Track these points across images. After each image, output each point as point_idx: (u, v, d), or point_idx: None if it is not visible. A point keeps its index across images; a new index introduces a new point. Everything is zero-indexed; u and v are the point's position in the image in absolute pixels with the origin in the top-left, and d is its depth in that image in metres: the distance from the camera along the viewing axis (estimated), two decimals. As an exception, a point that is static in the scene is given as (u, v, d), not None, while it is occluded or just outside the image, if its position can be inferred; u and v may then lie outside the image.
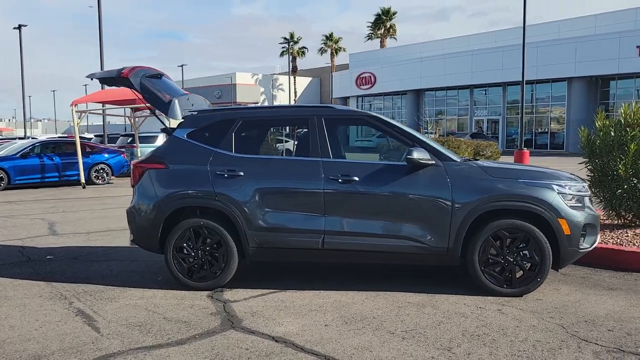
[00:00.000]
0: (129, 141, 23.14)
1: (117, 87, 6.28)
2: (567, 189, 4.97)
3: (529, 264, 4.92)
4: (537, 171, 5.16)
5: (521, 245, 4.91)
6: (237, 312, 4.64)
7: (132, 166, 5.65)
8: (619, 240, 6.27)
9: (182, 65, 60.44)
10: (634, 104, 7.02)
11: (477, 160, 5.50)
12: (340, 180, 5.08)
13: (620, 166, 6.63)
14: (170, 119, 5.90)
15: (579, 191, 5.05)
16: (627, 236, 6.43)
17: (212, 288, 5.28)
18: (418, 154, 4.93)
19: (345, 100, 54.58)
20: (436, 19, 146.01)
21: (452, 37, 47.84)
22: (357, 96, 52.82)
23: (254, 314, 4.56)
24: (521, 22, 25.27)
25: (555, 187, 4.93)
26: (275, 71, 76.98)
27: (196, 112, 5.71)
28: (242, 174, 5.23)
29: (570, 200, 4.95)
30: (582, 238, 4.94)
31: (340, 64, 63.59)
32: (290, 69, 66.91)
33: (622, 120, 6.94)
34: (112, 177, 18.52)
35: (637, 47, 34.81)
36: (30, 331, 4.25)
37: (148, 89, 5.64)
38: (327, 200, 5.09)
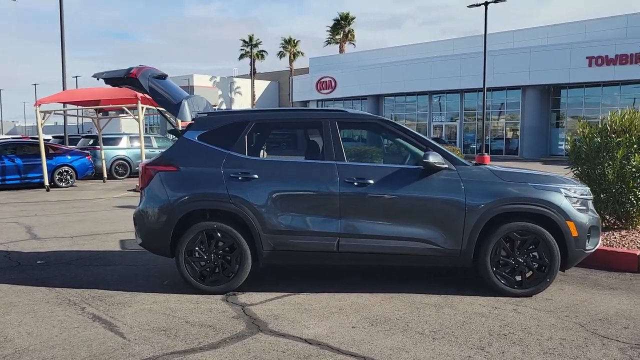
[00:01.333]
0: (90, 143, 22.50)
1: (118, 87, 6.13)
2: (572, 193, 5.19)
3: (538, 265, 5.10)
4: (545, 175, 5.36)
5: (531, 247, 5.08)
6: (259, 315, 4.62)
7: (141, 168, 5.54)
8: (608, 242, 6.57)
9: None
10: (620, 112, 7.37)
11: (484, 164, 5.66)
12: (355, 184, 5.13)
13: (608, 171, 6.95)
14: (179, 120, 5.81)
15: (582, 194, 5.27)
16: (615, 238, 6.74)
17: (225, 292, 5.24)
18: (434, 158, 5.04)
19: (305, 104, 54.71)
20: (389, 26, 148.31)
21: (411, 44, 48.68)
22: (318, 100, 53.03)
23: (276, 317, 4.56)
24: (472, 31, 25.94)
25: (562, 190, 5.14)
26: (233, 74, 76.37)
27: (206, 114, 5.66)
28: (256, 176, 5.21)
29: (576, 203, 5.17)
30: (587, 240, 5.17)
31: (299, 68, 63.71)
32: (250, 72, 66.58)
33: (608, 127, 7.27)
34: (75, 180, 17.96)
35: (587, 57, 36.38)
36: (51, 338, 4.11)
37: (157, 91, 5.54)
38: (342, 203, 5.13)
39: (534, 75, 37.90)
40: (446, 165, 5.12)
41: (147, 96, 17.69)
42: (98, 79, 5.68)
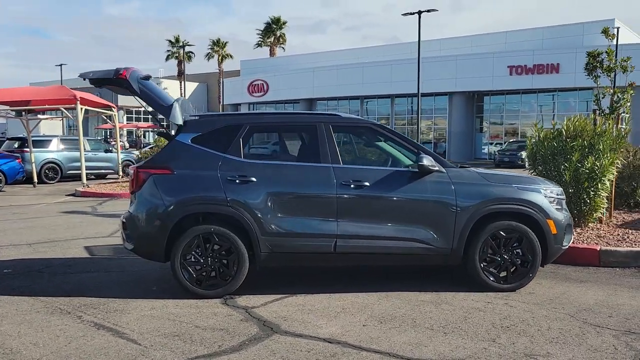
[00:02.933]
0: (16, 145, 21.25)
1: (98, 88, 5.91)
2: (550, 193, 5.58)
3: (521, 261, 5.44)
4: (525, 177, 5.73)
5: (515, 244, 5.42)
6: (267, 317, 4.64)
7: (132, 171, 5.40)
8: (569, 239, 7.08)
9: (61, 65, 56.15)
10: (573, 118, 7.95)
11: (468, 167, 5.95)
12: (352, 186, 5.26)
13: (565, 173, 7.50)
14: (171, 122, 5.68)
15: (558, 195, 5.68)
16: (574, 235, 7.27)
17: (221, 295, 5.21)
18: (427, 161, 5.27)
19: (236, 107, 54.23)
20: (314, 31, 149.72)
21: (343, 49, 49.56)
22: (249, 103, 52.74)
23: (285, 319, 4.60)
24: (392, 38, 26.85)
25: (542, 191, 5.52)
26: (158, 75, 74.31)
27: (197, 117, 5.61)
28: (254, 179, 5.23)
29: (553, 202, 5.56)
30: (564, 237, 5.58)
31: (229, 71, 63.01)
32: (177, 73, 65.18)
33: (564, 132, 7.83)
34: (4, 185, 16.91)
35: (508, 66, 38.56)
36: (62, 348, 3.95)
37: (147, 92, 5.42)
38: (339, 205, 5.25)
39: (460, 82, 39.66)
40: (437, 168, 5.36)
41: (86, 97, 16.95)
42: (84, 79, 5.48)
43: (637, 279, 5.88)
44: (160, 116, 5.60)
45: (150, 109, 5.65)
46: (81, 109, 15.77)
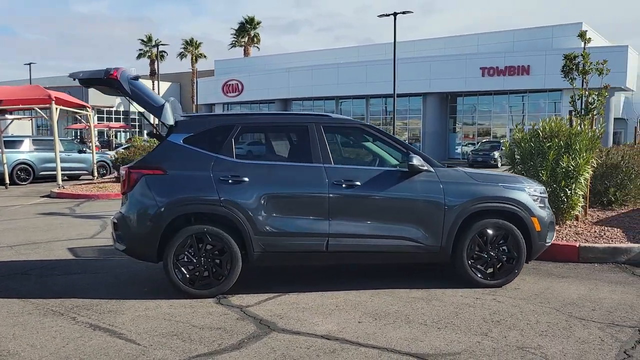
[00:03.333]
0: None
1: (88, 88, 5.86)
2: (533, 191, 5.75)
3: (507, 258, 5.60)
4: (509, 176, 5.90)
5: (501, 242, 5.58)
6: (262, 315, 4.69)
7: (124, 172, 5.38)
8: (549, 236, 7.29)
9: (30, 64, 54.99)
10: (549, 119, 8.19)
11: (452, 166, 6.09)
12: (344, 185, 5.35)
13: (542, 172, 7.71)
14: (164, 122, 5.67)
15: (541, 193, 5.86)
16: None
17: (214, 295, 5.23)
18: (417, 161, 5.39)
19: (210, 107, 53.88)
20: (286, 32, 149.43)
21: (318, 49, 49.67)
22: (224, 103, 52.47)
23: (281, 317, 4.66)
24: (365, 39, 27.16)
25: (526, 189, 5.69)
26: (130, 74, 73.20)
27: (188, 117, 5.63)
28: (246, 179, 5.27)
29: (537, 200, 5.74)
30: (547, 234, 5.76)
31: (203, 70, 62.54)
32: (149, 73, 64.45)
33: (540, 133, 8.06)
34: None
35: (480, 68, 39.22)
36: (60, 349, 3.94)
37: (138, 93, 5.41)
38: (331, 204, 5.33)
39: (434, 84, 40.17)
40: (426, 167, 5.49)
41: (61, 96, 16.69)
42: (74, 79, 5.44)
43: (615, 274, 6.10)
44: (152, 117, 5.59)
45: (140, 109, 5.65)
46: (56, 108, 15.51)
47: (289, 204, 5.32)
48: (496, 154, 31.91)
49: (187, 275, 5.19)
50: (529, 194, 5.68)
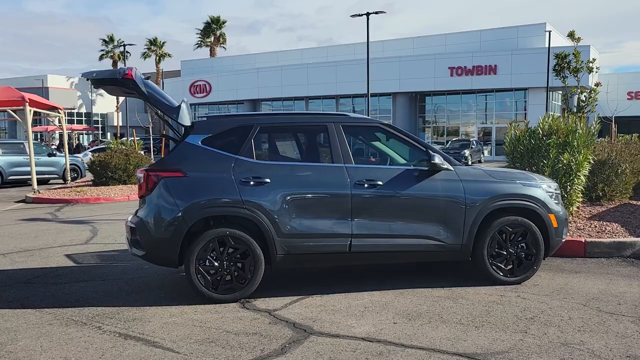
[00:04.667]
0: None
1: (102, 88, 5.63)
2: (549, 188, 5.82)
3: (525, 255, 5.64)
4: (525, 173, 5.95)
5: (519, 239, 5.62)
6: (294, 319, 4.60)
7: (142, 175, 5.20)
8: (552, 233, 7.40)
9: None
10: (547, 118, 8.32)
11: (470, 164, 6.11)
12: (366, 185, 5.30)
13: (544, 168, 7.84)
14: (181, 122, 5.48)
15: (555, 190, 5.94)
16: (557, 229, 7.61)
17: (237, 299, 5.11)
18: (439, 159, 5.38)
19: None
20: (247, 32, 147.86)
21: (287, 49, 49.52)
22: (191, 104, 51.67)
23: (314, 320, 4.57)
24: (326, 40, 27.21)
25: (542, 186, 5.76)
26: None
27: (205, 118, 5.49)
28: (268, 180, 5.17)
29: (552, 197, 5.81)
30: (563, 230, 5.83)
31: (169, 71, 61.61)
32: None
33: (541, 130, 8.18)
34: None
35: (449, 68, 39.80)
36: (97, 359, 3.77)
37: (152, 93, 5.23)
38: (354, 205, 5.27)
39: (403, 83, 40.55)
40: (446, 166, 5.48)
41: (34, 98, 16.12)
42: (88, 80, 5.22)
43: (624, 269, 6.23)
44: (167, 117, 5.41)
45: (153, 110, 5.47)
46: (30, 110, 14.98)
47: (311, 205, 5.24)
48: (467, 152, 32.37)
49: (210, 280, 5.05)
50: (545, 190, 5.74)
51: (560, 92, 40.09)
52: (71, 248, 7.85)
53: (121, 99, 64.27)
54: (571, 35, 9.96)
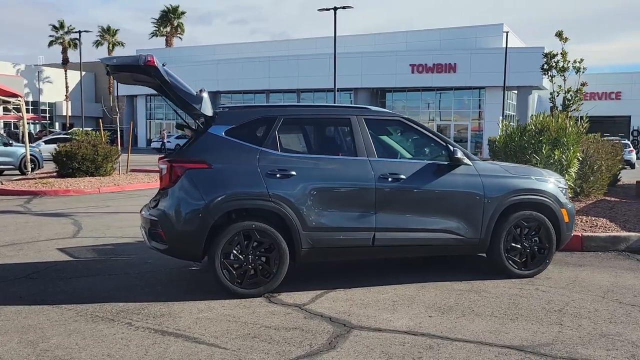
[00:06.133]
0: None
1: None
2: (559, 183, 5.98)
3: (538, 249, 5.77)
4: (538, 169, 6.08)
5: (533, 233, 5.75)
6: (328, 313, 4.55)
7: (165, 166, 5.01)
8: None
9: None
10: (537, 116, 8.55)
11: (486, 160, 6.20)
12: (390, 179, 5.29)
13: (538, 165, 8.05)
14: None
15: (564, 184, 6.10)
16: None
17: (262, 294, 5.01)
18: (461, 154, 5.44)
19: (132, 98, 51.64)
20: (199, 22, 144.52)
21: (248, 42, 49.08)
22: (147, 95, 50.53)
23: (348, 314, 4.54)
24: (280, 34, 27.23)
25: (554, 181, 5.91)
26: (38, 62, 68.70)
27: (227, 108, 5.36)
28: (294, 173, 5.08)
29: (562, 192, 5.97)
30: (572, 224, 6.01)
31: (122, 60, 59.70)
32: (62, 61, 60.92)
33: (533, 127, 8.40)
34: None
35: (410, 65, 40.33)
36: (142, 357, 3.61)
37: (174, 82, 5.03)
38: (378, 198, 5.26)
39: (365, 79, 40.81)
40: (466, 160, 5.54)
41: (4, 88, 15.31)
42: (107, 66, 4.94)
43: (623, 262, 6.47)
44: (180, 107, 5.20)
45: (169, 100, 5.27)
46: (-5, 98, 14.24)
47: (336, 199, 5.19)
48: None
49: (235, 275, 4.93)
50: (557, 185, 5.89)
51: (515, 91, 41.40)
52: (61, 242, 7.51)
53: (71, 87, 62.08)
54: (559, 35, 10.22)
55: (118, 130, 19.50)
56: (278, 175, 5.04)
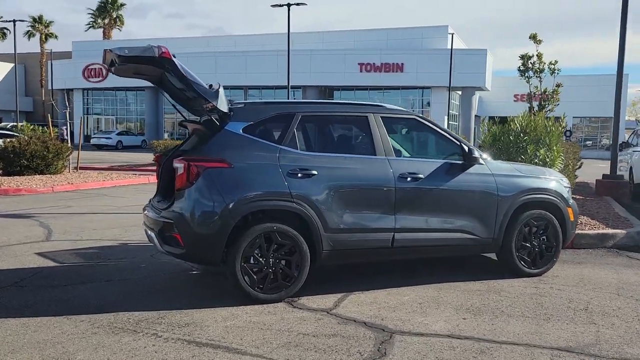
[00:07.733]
0: None
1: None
2: (564, 182, 6.07)
3: (546, 247, 5.83)
4: (543, 168, 6.14)
5: (541, 232, 5.79)
6: (361, 318, 4.38)
7: (182, 165, 4.66)
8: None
9: None
10: (521, 116, 8.70)
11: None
12: (409, 179, 5.18)
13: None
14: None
15: (568, 184, 6.20)
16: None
17: (282, 298, 4.79)
18: (477, 153, 5.40)
19: (67, 92, 49.17)
20: (133, 15, 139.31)
21: (193, 36, 47.95)
22: (84, 89, 48.38)
23: (382, 319, 4.39)
24: (217, 29, 26.98)
25: (559, 180, 5.98)
26: (-39, 52, 64.27)
27: (243, 105, 5.08)
28: (315, 172, 4.88)
29: (567, 191, 6.06)
30: (576, 223, 6.11)
31: (58, 52, 56.88)
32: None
33: (519, 127, 8.53)
34: None
35: (358, 64, 40.60)
36: (189, 374, 3.32)
37: (188, 76, 4.69)
38: (398, 198, 5.13)
39: (313, 77, 40.74)
40: (481, 160, 5.51)
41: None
42: (118, 56, 4.53)
43: (616, 259, 6.65)
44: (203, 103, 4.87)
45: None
46: None
47: (357, 199, 5.03)
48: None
49: (255, 279, 4.68)
50: (562, 184, 5.97)
51: (459, 92, 42.52)
52: (35, 245, 6.94)
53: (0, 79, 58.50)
54: (533, 37, 10.55)
55: (68, 125, 18.47)
56: (299, 175, 4.82)
